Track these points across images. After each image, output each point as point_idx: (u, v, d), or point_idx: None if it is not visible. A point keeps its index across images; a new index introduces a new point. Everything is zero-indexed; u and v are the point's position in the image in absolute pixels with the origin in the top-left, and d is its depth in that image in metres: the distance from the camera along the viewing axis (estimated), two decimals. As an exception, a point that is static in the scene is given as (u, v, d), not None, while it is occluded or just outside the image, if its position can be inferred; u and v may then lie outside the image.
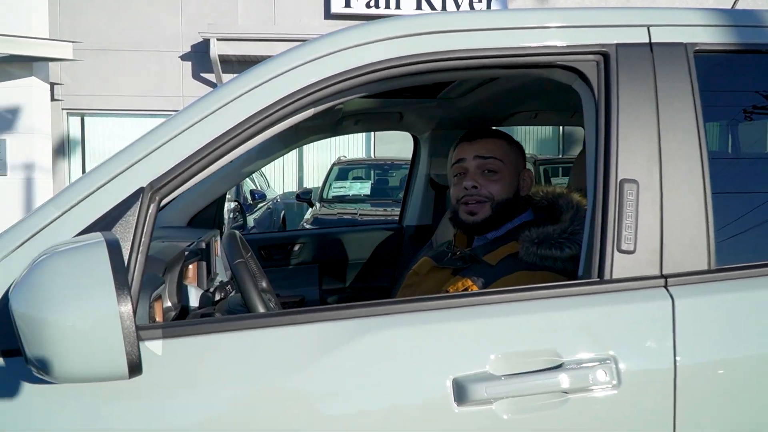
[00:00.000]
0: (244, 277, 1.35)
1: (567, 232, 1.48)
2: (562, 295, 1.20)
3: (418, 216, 2.97)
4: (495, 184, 1.60)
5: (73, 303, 0.82)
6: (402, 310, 1.14)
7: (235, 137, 1.14)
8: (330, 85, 1.20)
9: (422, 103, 2.52)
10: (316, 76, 1.18)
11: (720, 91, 1.45)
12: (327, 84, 1.20)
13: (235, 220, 5.43)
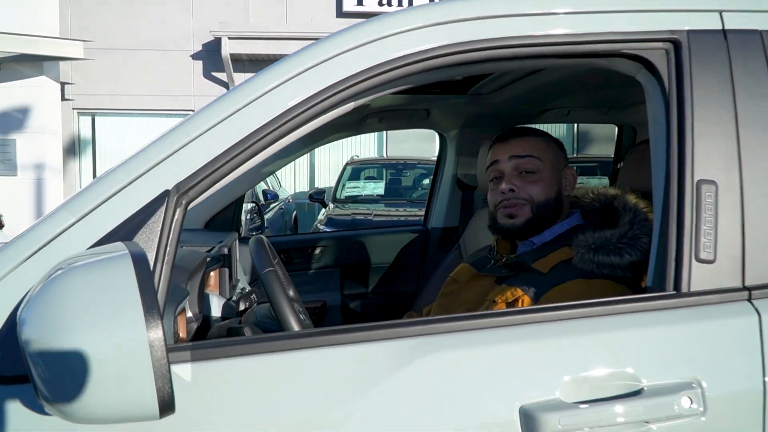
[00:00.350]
0: (277, 290, 1.23)
1: (627, 237, 1.35)
2: (637, 310, 1.07)
3: (444, 218, 2.84)
4: (534, 185, 1.47)
5: (93, 329, 0.70)
6: (460, 327, 1.01)
7: (273, 132, 1.02)
8: (377, 74, 1.08)
9: (451, 99, 2.39)
10: (366, 62, 1.06)
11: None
12: (375, 73, 1.08)
13: (252, 222, 5.31)
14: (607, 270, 1.33)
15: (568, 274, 1.35)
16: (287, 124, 1.05)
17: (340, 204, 7.26)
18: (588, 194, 1.57)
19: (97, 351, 0.69)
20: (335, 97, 1.08)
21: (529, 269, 1.41)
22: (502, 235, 1.55)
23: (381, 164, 8.74)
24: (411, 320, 1.02)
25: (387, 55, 1.09)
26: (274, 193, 7.62)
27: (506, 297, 1.36)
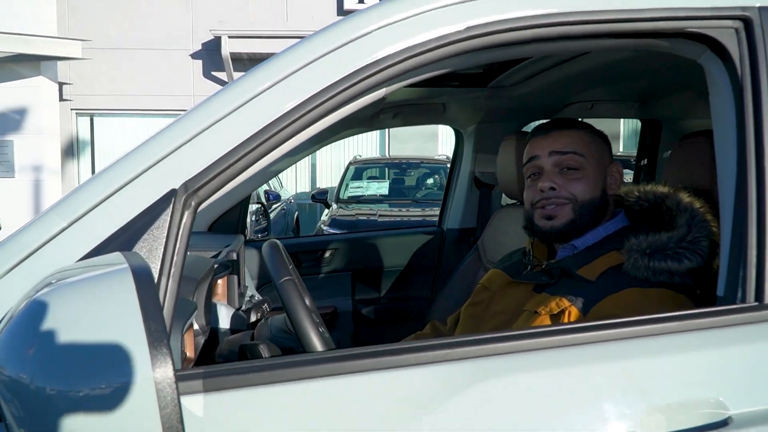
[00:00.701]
0: (296, 303, 1.09)
1: (686, 240, 1.21)
2: (715, 325, 0.92)
3: (461, 218, 2.69)
4: (577, 183, 1.32)
5: (85, 365, 0.55)
6: (522, 347, 0.86)
7: (297, 121, 0.88)
8: (416, 54, 0.94)
9: (470, 92, 2.25)
10: (402, 41, 0.91)
11: None
12: (413, 53, 0.93)
13: (257, 224, 5.16)
14: (664, 277, 1.19)
15: (620, 282, 1.21)
16: (308, 115, 0.91)
17: (343, 204, 7.11)
18: (633, 192, 1.43)
19: (89, 392, 0.55)
20: (363, 83, 0.94)
21: (572, 276, 1.27)
22: (539, 237, 1.40)
23: (384, 164, 8.60)
24: (463, 339, 0.88)
25: (421, 36, 0.95)
26: (276, 193, 7.48)
27: (550, 308, 1.22)
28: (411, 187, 7.87)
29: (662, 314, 0.95)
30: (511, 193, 2.23)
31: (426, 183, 7.95)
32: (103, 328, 0.56)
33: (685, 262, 1.19)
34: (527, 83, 2.15)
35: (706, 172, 1.32)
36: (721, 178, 1.11)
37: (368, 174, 8.24)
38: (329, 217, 6.60)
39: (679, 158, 1.49)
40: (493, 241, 2.36)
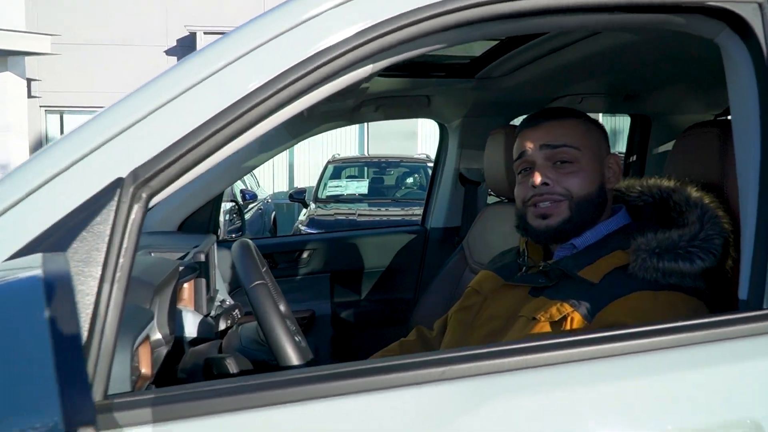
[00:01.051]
0: (269, 311, 0.96)
1: (698, 238, 1.10)
2: (746, 333, 0.82)
3: (445, 217, 2.58)
4: (572, 177, 1.21)
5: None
6: (524, 364, 0.75)
7: (263, 103, 0.74)
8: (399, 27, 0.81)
9: (457, 83, 2.13)
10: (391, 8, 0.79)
11: None
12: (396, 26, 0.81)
13: (231, 223, 4.97)
14: (675, 279, 1.08)
15: (626, 284, 1.10)
16: (276, 97, 0.77)
17: (321, 204, 6.97)
18: (635, 187, 1.32)
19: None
20: (341, 60, 0.81)
21: (573, 278, 1.16)
22: (533, 238, 1.29)
23: (363, 163, 8.47)
24: (462, 354, 0.75)
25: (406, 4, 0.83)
26: (252, 192, 7.30)
27: (551, 314, 1.10)
28: (390, 187, 7.76)
29: (685, 322, 0.84)
30: (498, 190, 2.12)
31: (406, 182, 7.84)
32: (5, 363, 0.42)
33: (697, 262, 1.08)
34: (515, 74, 2.04)
35: (714, 165, 1.21)
36: (741, 170, 1.01)
37: (347, 173, 8.10)
38: (307, 216, 6.45)
39: (683, 150, 1.38)
40: (479, 240, 2.25)
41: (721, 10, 0.95)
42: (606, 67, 1.97)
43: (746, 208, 0.96)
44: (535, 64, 1.93)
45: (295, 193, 7.35)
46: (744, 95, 0.98)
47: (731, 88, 1.02)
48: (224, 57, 0.75)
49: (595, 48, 1.67)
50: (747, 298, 0.92)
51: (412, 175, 7.89)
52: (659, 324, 0.84)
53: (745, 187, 0.98)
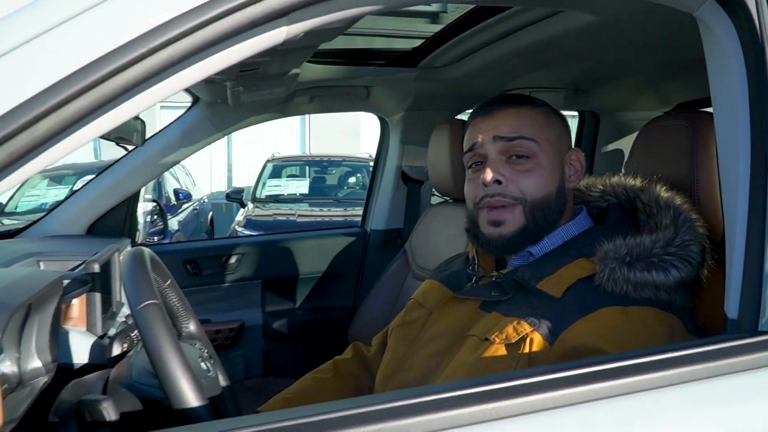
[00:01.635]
0: (160, 339, 0.75)
1: (673, 244, 0.96)
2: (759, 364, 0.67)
3: (386, 218, 2.40)
4: (528, 176, 1.04)
5: None
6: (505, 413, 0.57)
7: (138, 62, 0.54)
8: None
9: (398, 73, 1.96)
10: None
11: None
12: None
13: (153, 225, 4.64)
14: (648, 292, 0.93)
15: (593, 298, 0.94)
16: (168, 50, 0.57)
17: (260, 204, 6.69)
18: (596, 186, 1.17)
19: None
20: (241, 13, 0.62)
21: (532, 291, 0.99)
22: (485, 248, 1.12)
23: (304, 161, 8.22)
24: (433, 399, 0.57)
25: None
26: (186, 192, 6.95)
27: (506, 335, 0.94)
28: (332, 186, 7.55)
29: (671, 353, 0.68)
30: (443, 189, 1.96)
31: (348, 182, 7.65)
32: None
33: (673, 272, 0.94)
34: (460, 64, 1.88)
35: (683, 161, 1.08)
36: (726, 166, 0.87)
37: (287, 172, 7.84)
38: (244, 217, 6.17)
39: (647, 145, 1.25)
40: (422, 243, 2.09)
41: (705, -23, 0.80)
42: (556, 57, 1.83)
43: (733, 210, 0.82)
44: (481, 53, 1.78)
45: (232, 192, 7.05)
46: (729, 79, 0.84)
47: (712, 71, 0.88)
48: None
49: (546, 34, 1.53)
50: (737, 317, 0.78)
51: (355, 174, 7.71)
52: (638, 356, 0.68)
53: (731, 186, 0.84)
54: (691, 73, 2.08)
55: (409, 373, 1.10)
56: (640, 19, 1.33)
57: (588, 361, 0.70)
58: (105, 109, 0.55)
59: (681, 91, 2.39)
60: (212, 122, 2.05)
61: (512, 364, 0.91)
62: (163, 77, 0.59)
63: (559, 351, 0.89)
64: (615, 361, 0.68)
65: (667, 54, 1.75)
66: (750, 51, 0.81)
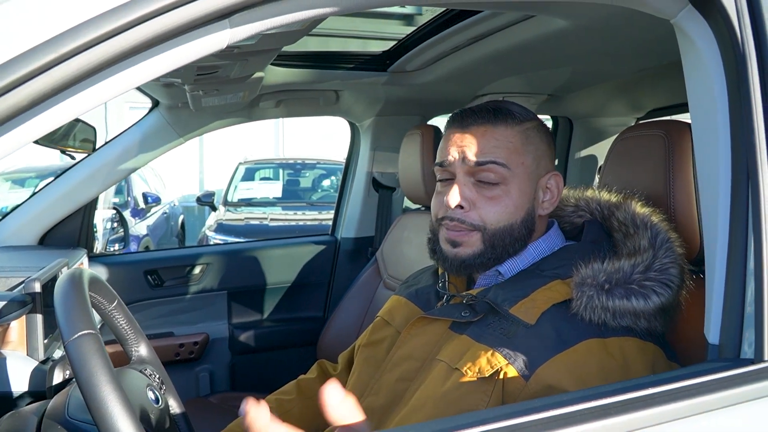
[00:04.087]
0: (95, 377, 0.68)
1: (653, 269, 0.90)
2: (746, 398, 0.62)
3: (357, 226, 2.34)
4: (492, 204, 0.97)
5: None
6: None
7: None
8: None
9: (368, 77, 1.90)
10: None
11: None
12: None
13: (114, 232, 4.48)
14: (628, 320, 0.88)
15: (570, 329, 0.87)
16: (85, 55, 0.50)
17: (231, 207, 6.57)
18: (569, 199, 1.11)
19: None
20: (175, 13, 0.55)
21: (504, 316, 0.93)
22: (442, 264, 1.06)
23: (277, 164, 8.10)
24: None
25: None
26: (155, 195, 6.79)
27: (479, 368, 0.87)
28: (306, 189, 7.45)
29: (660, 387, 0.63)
30: (414, 197, 1.90)
31: (322, 185, 7.56)
32: None
33: (653, 298, 0.88)
34: (431, 69, 1.83)
35: (659, 173, 1.03)
36: (705, 178, 0.82)
37: (260, 175, 7.72)
38: (215, 221, 6.05)
39: (621, 156, 1.20)
40: (394, 252, 2.03)
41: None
42: (529, 63, 1.79)
43: (714, 226, 0.78)
44: (452, 57, 1.73)
45: (203, 195, 6.91)
46: (707, 87, 0.80)
47: (690, 79, 0.84)
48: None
49: (518, 39, 1.48)
50: (719, 342, 0.73)
51: (329, 177, 7.62)
52: (621, 392, 0.63)
53: (711, 201, 0.79)
54: (663, 79, 2.06)
55: (377, 399, 1.03)
56: (614, 25, 1.29)
57: (569, 399, 0.65)
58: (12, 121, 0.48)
59: (653, 97, 2.37)
60: (173, 127, 1.96)
61: (484, 400, 0.85)
62: (81, 88, 0.52)
63: (534, 388, 0.83)
64: (597, 398, 0.63)
65: (639, 61, 1.71)
66: (730, 59, 0.76)
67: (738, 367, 0.67)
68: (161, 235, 7.21)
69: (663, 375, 0.68)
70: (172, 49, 0.58)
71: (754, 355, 0.68)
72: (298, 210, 6.45)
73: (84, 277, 0.85)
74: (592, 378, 0.82)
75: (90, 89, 0.54)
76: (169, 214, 7.82)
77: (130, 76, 0.57)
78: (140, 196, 6.48)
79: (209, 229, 5.90)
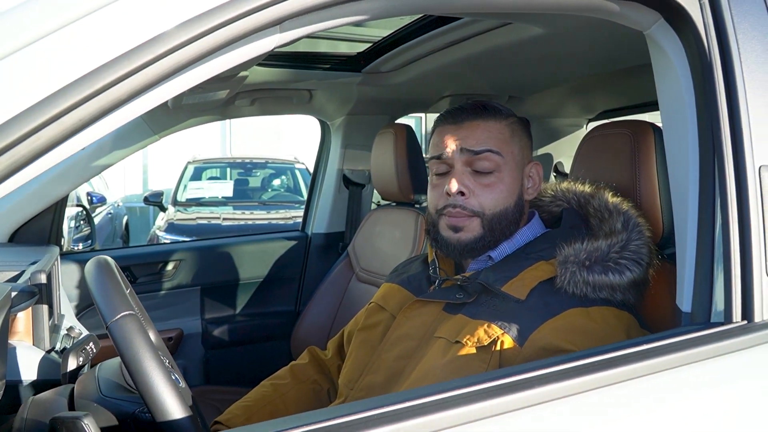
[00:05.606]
0: (141, 353, 0.73)
1: (628, 249, 1.02)
2: (717, 353, 0.73)
3: (328, 221, 2.40)
4: (489, 190, 1.09)
5: None
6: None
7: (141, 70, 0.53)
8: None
9: (342, 77, 1.97)
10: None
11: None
12: None
13: (78, 230, 4.36)
14: (606, 293, 1.00)
15: (556, 301, 0.99)
16: (170, 58, 0.56)
17: (181, 207, 6.46)
18: (546, 191, 1.23)
19: None
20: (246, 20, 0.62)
21: (497, 294, 1.03)
22: (444, 251, 1.15)
23: (227, 163, 8.01)
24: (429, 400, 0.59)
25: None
26: (100, 195, 6.61)
27: (478, 338, 0.97)
28: (257, 189, 7.39)
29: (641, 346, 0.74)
30: (387, 194, 1.99)
31: (273, 184, 7.53)
32: None
33: (627, 274, 1.01)
34: (405, 70, 1.92)
35: (627, 167, 1.15)
36: (675, 172, 0.94)
37: (209, 174, 7.62)
38: (165, 221, 5.94)
39: (591, 152, 1.32)
40: (366, 246, 2.11)
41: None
42: (497, 66, 1.91)
43: (684, 211, 0.90)
44: (426, 60, 1.82)
45: (151, 195, 6.75)
46: (676, 91, 0.92)
47: (661, 86, 0.96)
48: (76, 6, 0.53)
49: (492, 44, 1.59)
50: (691, 310, 0.85)
51: (280, 176, 7.60)
52: (603, 352, 0.73)
53: (681, 191, 0.91)
54: (613, 83, 2.23)
55: (376, 376, 1.11)
56: (583, 33, 1.41)
57: (557, 360, 0.74)
58: (106, 115, 0.54)
59: (604, 100, 2.54)
60: (148, 124, 1.98)
61: (483, 366, 0.95)
62: (159, 85, 0.58)
63: (528, 351, 0.94)
64: (582, 358, 0.73)
65: (597, 65, 1.86)
66: (697, 67, 0.88)
67: (709, 329, 0.79)
68: (105, 236, 7.03)
69: (647, 337, 0.79)
70: (223, 55, 0.65)
71: (723, 319, 0.79)
72: (250, 209, 6.42)
73: (111, 263, 0.90)
74: (578, 338, 0.93)
75: (154, 91, 0.60)
76: (114, 214, 7.63)
77: (186, 79, 0.63)
78: (85, 196, 6.30)
79: (159, 229, 5.80)
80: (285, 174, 7.56)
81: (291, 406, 1.29)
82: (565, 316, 0.96)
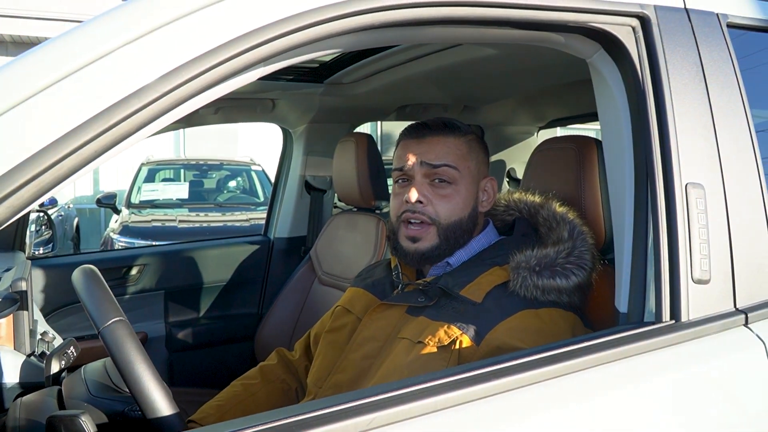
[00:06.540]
0: (133, 356, 0.80)
1: (573, 255, 1.13)
2: (648, 349, 0.84)
3: (290, 226, 2.46)
4: (445, 201, 1.19)
5: None
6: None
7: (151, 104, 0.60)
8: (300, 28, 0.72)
9: (304, 88, 2.04)
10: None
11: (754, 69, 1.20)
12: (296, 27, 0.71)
13: (38, 235, 4.27)
14: (553, 296, 1.10)
15: (509, 303, 1.09)
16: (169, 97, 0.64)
17: (136, 209, 6.36)
18: (500, 201, 1.34)
19: None
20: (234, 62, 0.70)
21: (455, 297, 1.13)
22: (403, 259, 1.25)
23: (181, 165, 7.89)
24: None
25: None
26: (52, 197, 6.47)
27: (439, 338, 1.06)
28: (212, 190, 7.33)
29: (583, 343, 0.84)
30: (348, 199, 2.06)
31: (228, 186, 7.49)
32: None
33: (572, 278, 1.11)
34: (366, 82, 2.00)
35: (573, 179, 1.27)
36: (614, 185, 1.05)
37: (163, 176, 7.51)
38: (120, 223, 5.85)
39: (540, 165, 1.44)
40: (328, 250, 2.18)
41: (599, 32, 0.98)
42: (453, 79, 2.01)
43: (621, 221, 1.00)
44: (387, 73, 1.91)
45: (103, 197, 6.62)
46: (615, 113, 1.02)
47: (602, 109, 1.07)
48: (92, 47, 0.59)
49: (451, 60, 1.69)
50: (627, 311, 0.95)
51: (236, 178, 7.56)
52: (550, 349, 0.83)
53: (619, 203, 1.02)
54: (563, 95, 2.37)
55: (343, 375, 1.19)
56: (533, 51, 1.53)
57: (510, 356, 0.84)
58: (116, 146, 0.61)
59: (554, 109, 2.68)
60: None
61: (444, 364, 1.04)
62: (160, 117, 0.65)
63: (484, 350, 1.04)
64: (531, 354, 0.83)
65: (547, 78, 1.98)
66: (632, 94, 0.99)
67: (641, 327, 0.90)
68: (58, 238, 6.87)
69: (589, 335, 0.90)
70: (213, 88, 0.73)
71: (654, 318, 0.91)
72: (206, 211, 6.38)
73: (96, 271, 0.95)
74: (529, 337, 1.03)
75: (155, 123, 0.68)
76: (64, 216, 7.46)
77: (180, 111, 0.71)
78: (35, 198, 6.15)
79: (113, 231, 5.71)
80: (241, 176, 7.52)
81: (262, 405, 1.36)
82: (518, 317, 1.06)
